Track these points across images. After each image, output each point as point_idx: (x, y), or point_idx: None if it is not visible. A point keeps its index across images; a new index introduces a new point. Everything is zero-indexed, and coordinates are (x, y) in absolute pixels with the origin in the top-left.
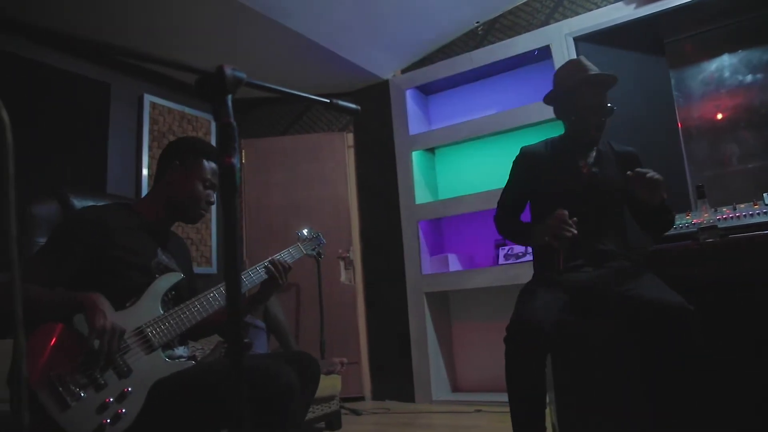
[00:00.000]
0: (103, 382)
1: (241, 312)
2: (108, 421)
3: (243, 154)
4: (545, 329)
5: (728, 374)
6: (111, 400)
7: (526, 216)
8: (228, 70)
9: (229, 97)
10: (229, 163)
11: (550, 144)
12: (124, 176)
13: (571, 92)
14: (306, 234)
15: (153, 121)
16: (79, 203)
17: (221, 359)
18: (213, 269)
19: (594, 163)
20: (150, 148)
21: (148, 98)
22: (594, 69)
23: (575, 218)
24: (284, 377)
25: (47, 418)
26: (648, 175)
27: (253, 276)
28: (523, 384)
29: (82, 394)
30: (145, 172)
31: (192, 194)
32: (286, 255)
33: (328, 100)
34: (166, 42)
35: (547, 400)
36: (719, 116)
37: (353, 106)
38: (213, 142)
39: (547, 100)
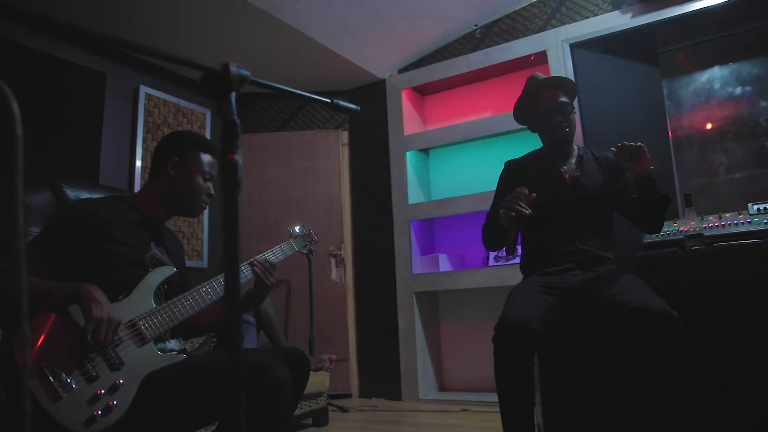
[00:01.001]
0: (95, 374)
1: (239, 308)
2: (99, 413)
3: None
4: (532, 329)
5: (712, 377)
6: (102, 392)
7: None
8: (233, 68)
9: (233, 94)
10: (232, 160)
11: (533, 155)
12: (118, 167)
13: (528, 102)
14: (298, 231)
15: (148, 113)
16: (73, 194)
17: (211, 352)
18: (204, 263)
19: (575, 168)
20: (144, 140)
21: (144, 90)
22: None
23: (552, 219)
24: (277, 372)
25: (38, 409)
26: (629, 143)
27: (245, 271)
28: (511, 382)
29: (74, 386)
30: (138, 163)
31: (194, 189)
32: (278, 252)
33: (329, 100)
34: (162, 33)
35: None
36: (709, 126)
37: (353, 106)
38: (208, 135)
39: (516, 119)
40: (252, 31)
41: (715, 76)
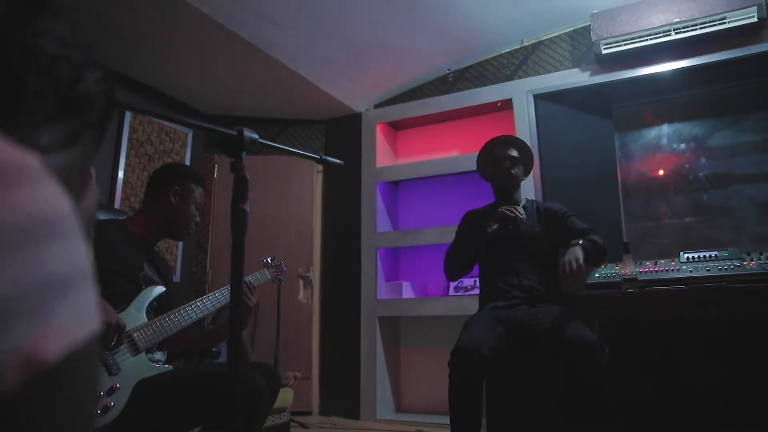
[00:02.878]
0: None
1: (241, 331)
2: (98, 412)
3: (216, 168)
4: (483, 354)
5: (639, 405)
6: (102, 393)
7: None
8: (246, 133)
9: (244, 153)
10: (242, 209)
11: (488, 206)
12: (100, 182)
13: (484, 154)
14: (270, 261)
15: (132, 130)
16: None
17: (192, 366)
18: (177, 278)
19: None
20: (127, 156)
21: None
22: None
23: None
24: (255, 384)
25: None
26: (568, 268)
27: (224, 295)
28: (462, 402)
29: None
30: (120, 175)
31: (187, 216)
32: (253, 279)
33: (318, 156)
34: (150, 58)
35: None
36: (654, 177)
37: (338, 161)
38: (189, 153)
39: (479, 172)
40: (239, 61)
41: (662, 132)
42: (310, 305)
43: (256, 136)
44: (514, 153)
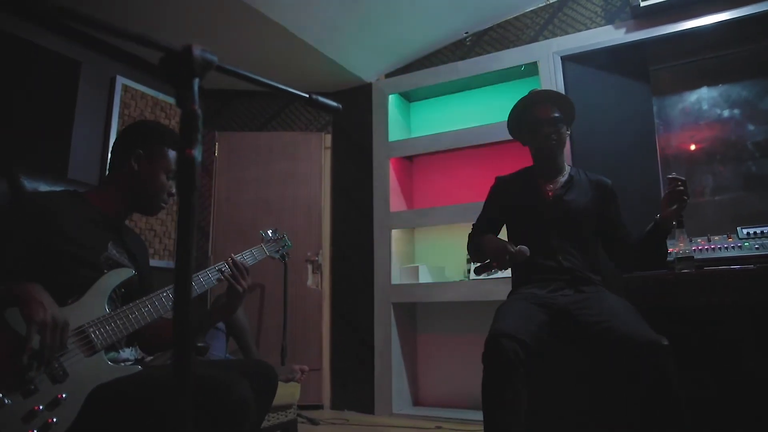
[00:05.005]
0: (33, 387)
1: (190, 317)
2: (35, 431)
3: (217, 147)
4: (526, 343)
5: (698, 406)
6: (41, 407)
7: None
8: (197, 51)
9: (196, 80)
10: (190, 155)
11: (522, 172)
12: (88, 160)
13: (520, 113)
14: (270, 235)
15: (124, 105)
16: (30, 185)
17: (164, 366)
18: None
19: (561, 186)
20: (118, 133)
21: (121, 80)
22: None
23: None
24: (238, 392)
25: None
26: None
27: (211, 276)
28: (500, 399)
29: (6, 401)
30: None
31: (155, 185)
32: (248, 256)
33: (308, 95)
34: (143, 23)
35: None
36: (696, 147)
37: (334, 104)
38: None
39: (509, 130)
40: (236, 25)
41: (703, 96)
42: (319, 291)
43: (213, 58)
44: (555, 113)
